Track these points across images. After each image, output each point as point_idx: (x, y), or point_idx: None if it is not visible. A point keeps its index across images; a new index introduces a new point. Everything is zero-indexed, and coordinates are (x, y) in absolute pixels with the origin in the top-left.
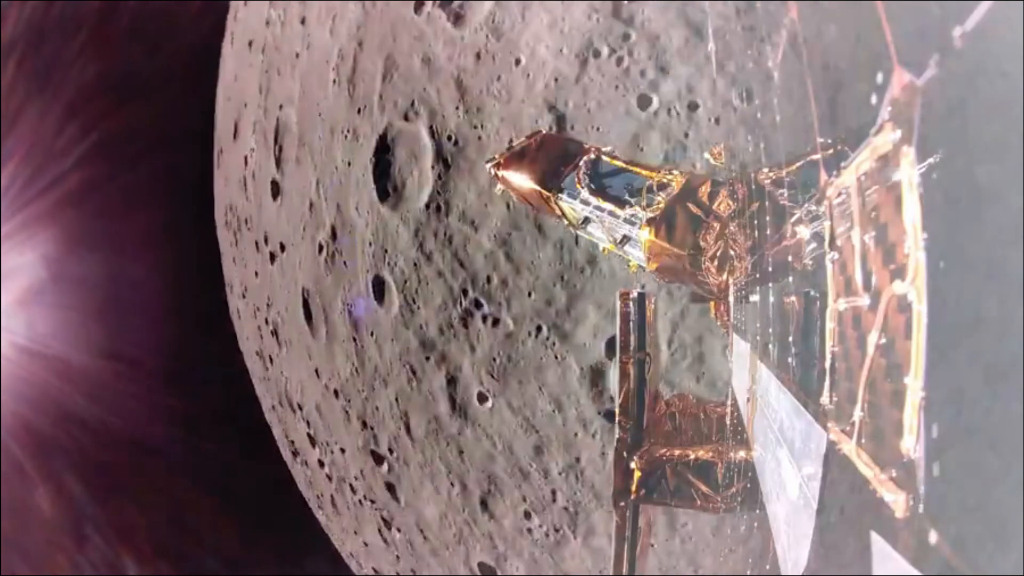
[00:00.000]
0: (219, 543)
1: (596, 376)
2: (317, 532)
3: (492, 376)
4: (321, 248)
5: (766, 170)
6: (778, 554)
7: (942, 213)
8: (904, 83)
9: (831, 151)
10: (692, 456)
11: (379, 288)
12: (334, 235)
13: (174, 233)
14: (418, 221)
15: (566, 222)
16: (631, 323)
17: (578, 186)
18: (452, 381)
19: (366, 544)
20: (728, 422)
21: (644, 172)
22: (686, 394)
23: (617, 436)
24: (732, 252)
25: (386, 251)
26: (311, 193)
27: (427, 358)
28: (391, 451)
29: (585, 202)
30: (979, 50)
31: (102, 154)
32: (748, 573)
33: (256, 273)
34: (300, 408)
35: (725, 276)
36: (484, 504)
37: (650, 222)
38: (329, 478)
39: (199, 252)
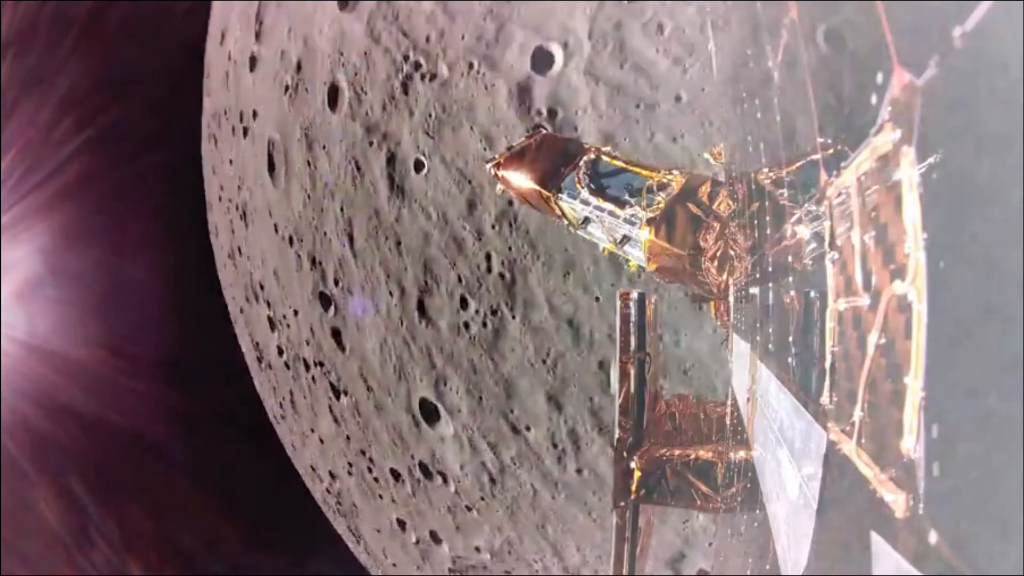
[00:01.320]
0: (221, 544)
1: (523, 93)
2: (320, 532)
3: (428, 134)
4: (287, 88)
5: (766, 170)
6: (778, 554)
7: (942, 212)
8: (904, 83)
9: (831, 151)
10: (692, 456)
11: (333, 96)
12: (299, 68)
13: (173, 228)
14: (370, 11)
15: (566, 222)
16: (631, 323)
17: (578, 186)
18: (392, 159)
19: (321, 441)
20: (728, 422)
21: (644, 172)
22: (686, 394)
23: (617, 436)
24: (732, 252)
25: (341, 53)
26: (284, 43)
27: (370, 143)
28: (336, 282)
29: (585, 202)
30: (979, 50)
31: (98, 148)
32: (748, 573)
33: (231, 161)
34: (262, 288)
35: (725, 276)
36: (421, 308)
37: (650, 222)
38: (287, 366)
39: (198, 247)
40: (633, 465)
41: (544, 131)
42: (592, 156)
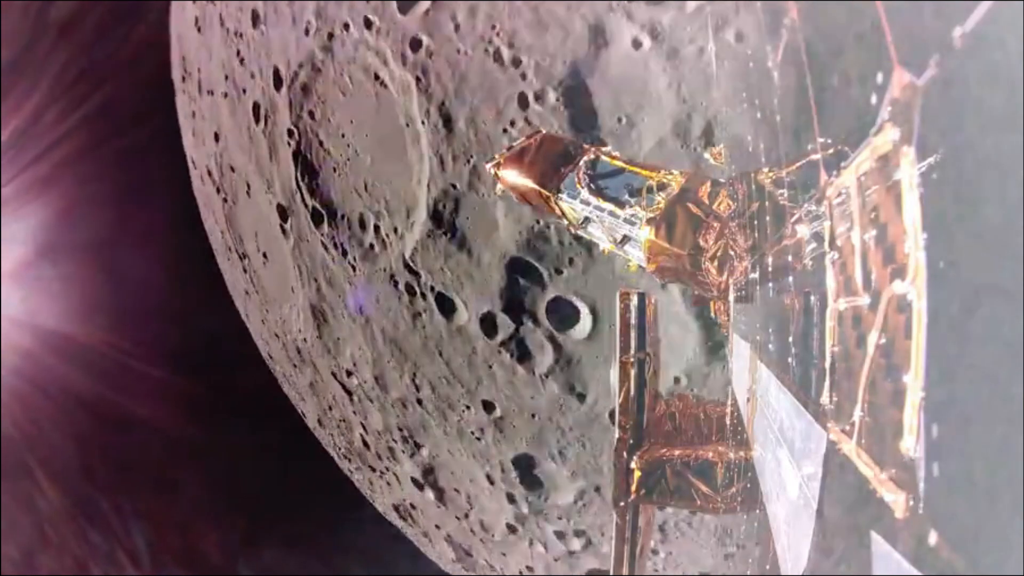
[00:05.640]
0: (229, 537)
1: None
2: (324, 523)
3: None
4: None
5: (766, 170)
6: (778, 554)
7: (942, 213)
8: (904, 83)
9: (831, 151)
10: (692, 456)
11: None
12: None
13: (173, 213)
14: None
15: (566, 222)
16: (631, 323)
17: (578, 186)
18: None
19: (219, 137)
20: (728, 422)
21: (644, 172)
22: (686, 394)
23: (617, 436)
24: (732, 252)
25: None
26: None
27: None
28: None
29: (585, 202)
30: (979, 50)
31: (90, 124)
32: (748, 573)
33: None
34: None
35: (725, 276)
36: None
37: (650, 222)
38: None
39: (202, 234)
40: (633, 465)
41: (543, 131)
42: (592, 156)
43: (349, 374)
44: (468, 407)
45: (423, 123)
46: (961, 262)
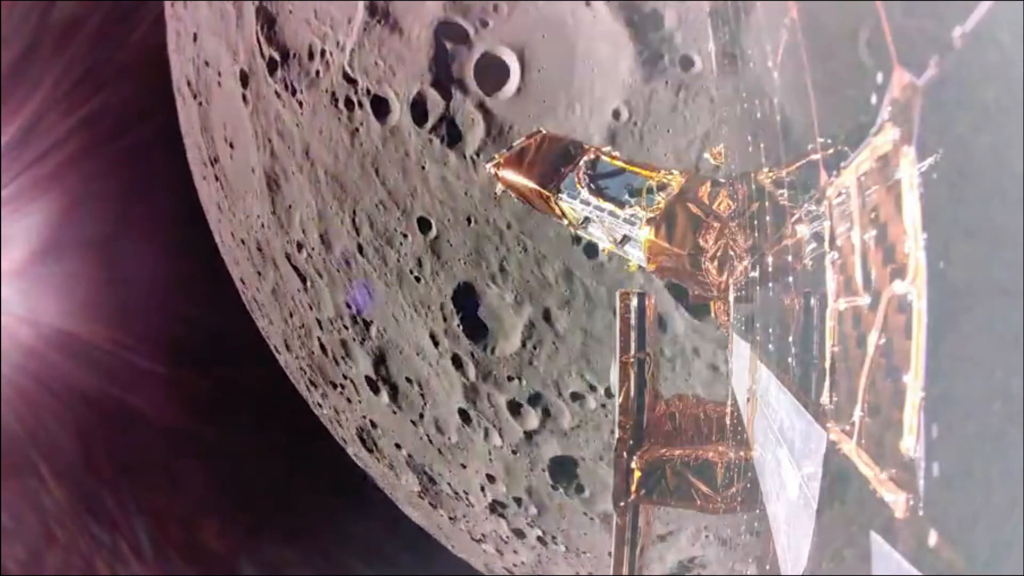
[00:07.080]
0: (225, 527)
1: None
2: (326, 518)
3: None
4: None
5: (766, 170)
6: (778, 554)
7: (942, 213)
8: (904, 83)
9: (831, 151)
10: (692, 456)
11: None
12: None
13: (177, 207)
14: None
15: (566, 222)
16: (631, 324)
17: (578, 186)
18: None
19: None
20: (728, 422)
21: (644, 172)
22: (686, 394)
23: (617, 436)
24: (732, 252)
25: None
26: None
27: None
28: None
29: (585, 202)
30: (979, 50)
31: (93, 123)
32: (748, 573)
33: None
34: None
35: (725, 276)
36: None
37: (650, 222)
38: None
39: (205, 226)
40: (633, 465)
41: (544, 132)
42: (592, 156)
43: (300, 247)
44: (405, 236)
45: None
46: (961, 262)
